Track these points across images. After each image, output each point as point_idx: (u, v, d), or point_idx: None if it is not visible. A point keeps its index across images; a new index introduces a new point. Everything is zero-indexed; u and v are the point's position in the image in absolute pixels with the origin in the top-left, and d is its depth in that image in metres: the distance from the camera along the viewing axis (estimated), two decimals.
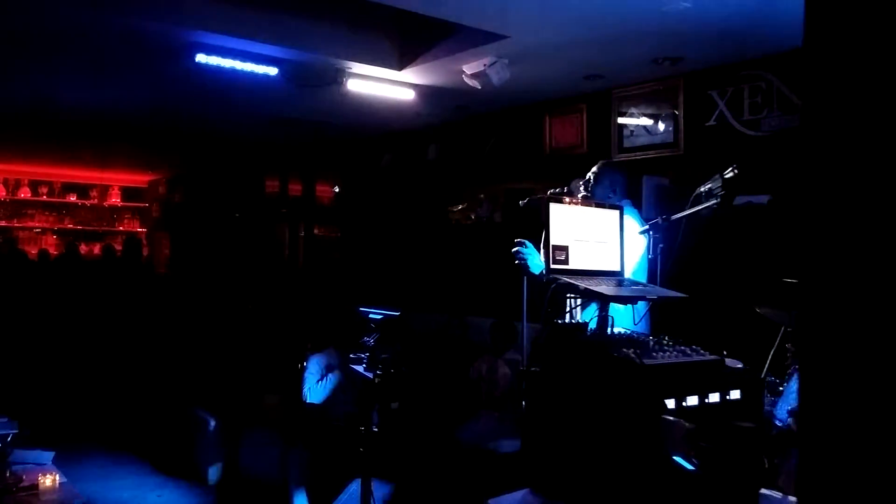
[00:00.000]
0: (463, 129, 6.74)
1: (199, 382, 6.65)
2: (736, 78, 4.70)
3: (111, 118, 7.34)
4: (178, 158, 10.40)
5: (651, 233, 2.65)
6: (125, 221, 12.96)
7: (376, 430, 3.38)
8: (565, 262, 2.16)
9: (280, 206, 9.74)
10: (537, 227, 4.07)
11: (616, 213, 2.32)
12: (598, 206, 2.31)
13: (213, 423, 5.94)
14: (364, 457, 3.37)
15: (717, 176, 2.70)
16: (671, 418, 1.91)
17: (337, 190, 8.55)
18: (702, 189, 2.76)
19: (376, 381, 3.16)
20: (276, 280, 9.71)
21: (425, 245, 7.22)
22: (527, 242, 3.39)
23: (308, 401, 5.18)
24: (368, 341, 3.61)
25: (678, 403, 1.97)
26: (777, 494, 2.19)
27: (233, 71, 4.85)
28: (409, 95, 5.58)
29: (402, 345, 3.86)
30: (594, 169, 3.70)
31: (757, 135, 4.60)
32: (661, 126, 5.18)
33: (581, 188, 3.67)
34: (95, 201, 12.69)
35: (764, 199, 4.74)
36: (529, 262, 3.33)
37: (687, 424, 1.89)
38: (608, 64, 4.90)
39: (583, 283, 2.03)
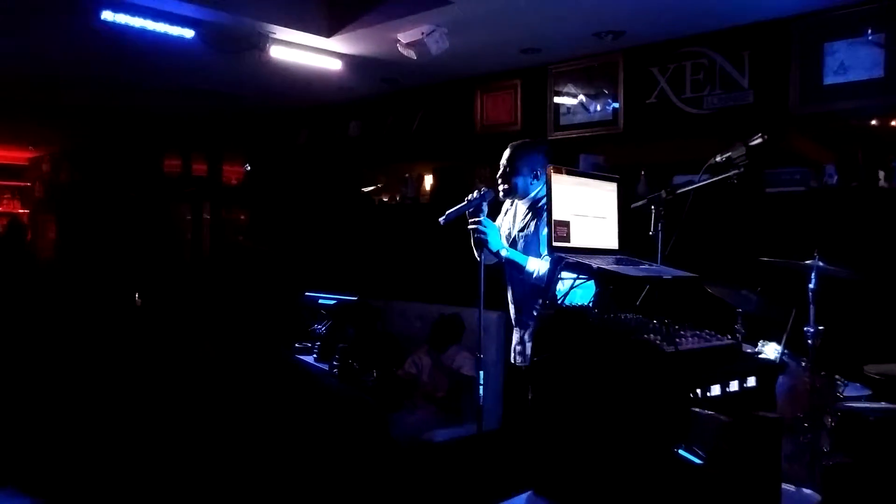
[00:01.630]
0: (388, 104, 6.42)
1: (95, 386, 6.05)
2: (678, 55, 4.63)
3: None
4: (66, 132, 9.50)
5: (653, 207, 2.48)
6: (4, 202, 11.84)
7: None
8: (566, 238, 1.95)
9: (182, 186, 9.10)
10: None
11: (614, 185, 2.13)
12: (596, 177, 2.11)
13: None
14: None
15: (738, 144, 2.55)
16: (703, 411, 1.73)
17: (248, 168, 8.03)
18: (717, 158, 2.60)
19: (333, 371, 2.85)
20: (178, 265, 9.11)
21: (343, 228, 6.87)
22: (483, 218, 3.17)
23: None
24: (319, 329, 3.27)
25: (703, 394, 1.79)
26: (791, 487, 2.07)
27: (143, 32, 4.34)
28: (335, 66, 5.21)
29: (356, 330, 3.52)
30: (505, 155, 3.34)
31: (699, 113, 4.55)
32: (600, 104, 5.06)
33: (498, 181, 3.36)
34: None
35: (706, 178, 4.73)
36: (490, 238, 3.12)
37: (722, 417, 1.72)
38: (548, 36, 4.72)
39: (595, 262, 1.82)
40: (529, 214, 3.28)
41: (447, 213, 3.17)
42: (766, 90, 4.28)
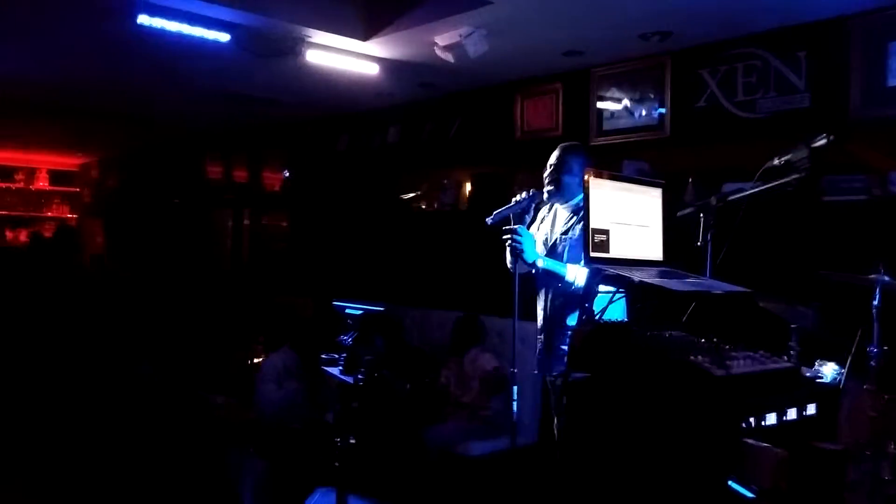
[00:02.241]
0: (426, 109, 6.32)
1: (136, 385, 6.05)
2: (729, 56, 4.41)
3: (38, 91, 6.64)
4: (113, 139, 9.65)
5: (702, 216, 2.29)
6: (54, 207, 12.09)
7: (353, 441, 2.95)
8: (606, 249, 1.79)
9: (223, 193, 9.14)
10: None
11: (658, 192, 1.96)
12: (639, 183, 1.94)
13: None
14: (340, 470, 2.94)
15: (800, 145, 2.35)
16: (757, 443, 1.55)
17: (287, 174, 8.01)
18: (776, 161, 2.41)
19: (358, 384, 2.73)
20: (218, 272, 9.15)
21: (382, 235, 6.77)
22: (520, 227, 3.05)
23: (261, 405, 4.71)
24: (346, 340, 3.16)
25: (757, 423, 1.61)
26: None
27: (179, 36, 4.32)
28: (372, 70, 5.12)
29: (384, 341, 3.38)
30: (555, 154, 3.30)
31: (752, 117, 4.32)
32: (645, 108, 4.86)
33: (545, 181, 3.30)
34: (22, 185, 11.76)
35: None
36: (525, 249, 2.99)
37: (778, 451, 1.53)
38: (592, 38, 4.55)
39: (635, 275, 1.66)
40: (574, 218, 3.15)
41: (494, 213, 3.12)
42: (824, 93, 4.04)
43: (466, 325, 4.79)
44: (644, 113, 4.86)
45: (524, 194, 3.09)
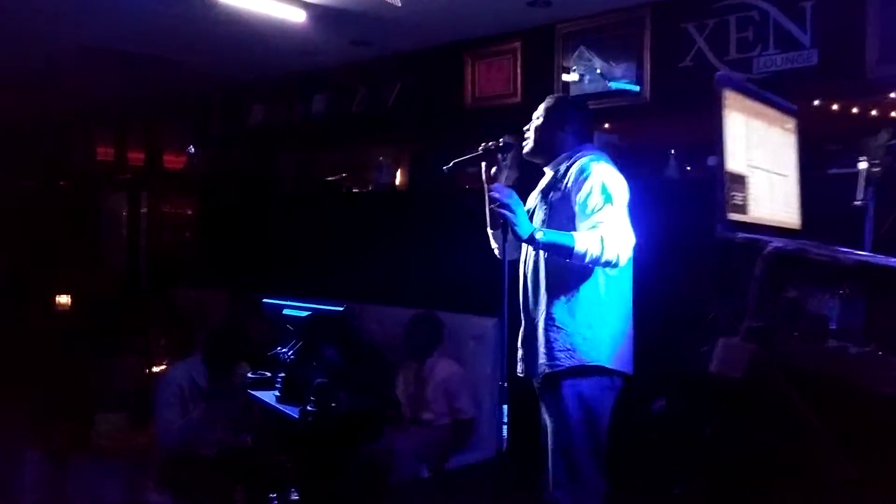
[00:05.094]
0: (359, 74, 5.50)
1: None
2: (719, 8, 3.84)
3: None
4: None
5: (864, 161, 1.62)
6: None
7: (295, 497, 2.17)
8: (743, 208, 1.10)
9: (115, 175, 8.03)
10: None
11: (793, 123, 1.30)
12: (773, 106, 1.27)
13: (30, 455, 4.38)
14: None
15: None
16: None
17: (192, 151, 7.00)
18: None
19: (307, 419, 1.94)
20: (112, 265, 8.06)
21: (309, 219, 5.93)
22: (507, 190, 2.46)
23: (160, 433, 3.84)
24: (285, 353, 2.33)
25: None
26: None
27: None
28: (298, 17, 4.30)
29: (339, 351, 2.56)
30: (543, 105, 2.90)
31: (748, 78, 3.74)
32: (620, 69, 4.25)
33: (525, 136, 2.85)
34: None
35: None
36: (518, 220, 2.39)
37: None
38: None
39: (836, 254, 0.98)
40: (563, 180, 2.64)
41: (454, 161, 2.67)
42: (834, 48, 3.51)
43: (422, 324, 4.07)
44: (619, 74, 4.25)
45: (491, 143, 2.63)
